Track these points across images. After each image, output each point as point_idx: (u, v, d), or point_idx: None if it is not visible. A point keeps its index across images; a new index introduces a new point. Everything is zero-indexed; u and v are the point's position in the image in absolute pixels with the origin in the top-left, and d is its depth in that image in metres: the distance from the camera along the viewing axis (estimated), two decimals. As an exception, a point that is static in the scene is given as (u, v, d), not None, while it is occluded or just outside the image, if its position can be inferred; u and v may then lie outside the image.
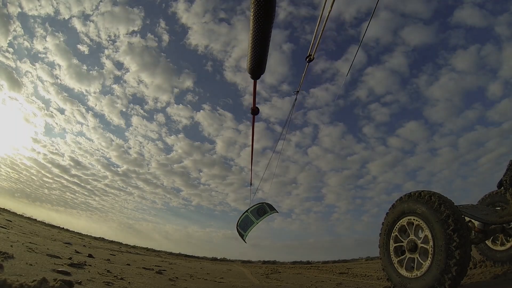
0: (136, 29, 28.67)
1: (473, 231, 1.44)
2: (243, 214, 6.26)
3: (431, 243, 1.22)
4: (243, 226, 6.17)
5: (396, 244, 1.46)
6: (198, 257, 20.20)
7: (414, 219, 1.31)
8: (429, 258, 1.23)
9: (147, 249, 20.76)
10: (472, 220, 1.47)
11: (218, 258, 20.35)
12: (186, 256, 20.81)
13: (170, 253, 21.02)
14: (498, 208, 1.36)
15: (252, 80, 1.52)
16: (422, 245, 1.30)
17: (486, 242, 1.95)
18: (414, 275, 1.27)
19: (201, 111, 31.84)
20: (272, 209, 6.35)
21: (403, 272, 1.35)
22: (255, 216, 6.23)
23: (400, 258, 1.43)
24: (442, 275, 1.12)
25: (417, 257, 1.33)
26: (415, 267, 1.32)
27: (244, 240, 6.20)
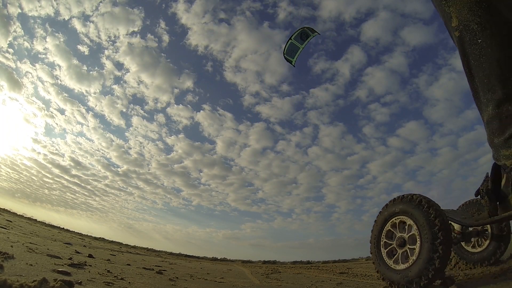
0: (136, 29, 28.65)
1: (453, 233, 1.63)
2: (287, 42, 6.49)
3: (418, 240, 1.41)
4: (290, 53, 6.39)
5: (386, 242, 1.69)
6: (198, 257, 20.19)
7: (403, 218, 1.54)
8: (417, 252, 1.41)
9: (147, 249, 20.76)
10: (452, 223, 1.67)
11: (218, 258, 20.36)
12: (186, 256, 20.80)
13: (171, 253, 21.01)
14: (476, 214, 1.54)
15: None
16: (410, 244, 1.50)
17: (464, 245, 2.13)
18: (402, 267, 1.46)
19: (201, 111, 31.79)
20: (313, 31, 6.50)
21: (394, 265, 1.55)
22: (298, 41, 6.47)
23: (389, 252, 1.64)
24: (427, 264, 1.31)
25: (406, 251, 1.51)
26: (403, 260, 1.54)
27: (293, 65, 6.49)
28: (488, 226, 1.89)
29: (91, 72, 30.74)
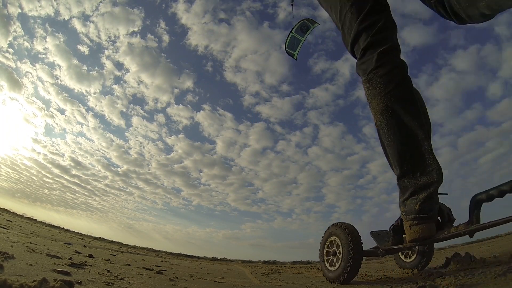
0: (136, 29, 28.40)
1: (380, 249, 2.21)
2: (288, 35, 6.00)
3: (341, 252, 2.19)
4: (291, 46, 6.08)
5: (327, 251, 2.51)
6: (198, 257, 20.15)
7: (335, 238, 2.35)
8: (340, 260, 2.21)
9: (147, 249, 20.73)
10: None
11: (218, 258, 20.30)
12: (186, 256, 20.77)
13: (170, 253, 20.98)
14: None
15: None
16: (338, 254, 2.28)
17: (400, 256, 2.96)
18: (333, 269, 2.28)
19: (201, 111, 31.51)
20: (313, 22, 6.17)
21: (329, 268, 2.35)
22: (299, 34, 6.17)
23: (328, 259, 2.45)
24: (344, 268, 2.08)
25: (335, 258, 2.30)
26: (334, 265, 2.33)
27: (295, 58, 6.04)
28: None
29: (91, 72, 30.54)
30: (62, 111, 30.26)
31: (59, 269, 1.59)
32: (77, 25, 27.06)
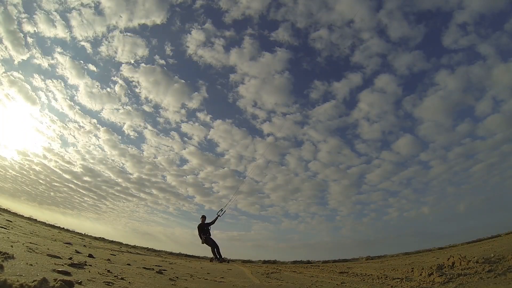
0: (146, 54, 29.86)
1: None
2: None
3: None
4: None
5: None
6: (198, 257, 20.18)
7: None
8: None
9: (147, 248, 20.74)
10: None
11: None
12: (186, 255, 20.79)
13: (171, 253, 20.99)
14: None
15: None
16: None
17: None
18: None
19: (213, 128, 34.03)
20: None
21: None
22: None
23: None
24: None
25: None
26: None
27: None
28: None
29: (104, 89, 32.01)
30: (76, 124, 31.31)
31: (59, 269, 1.58)
32: (92, 46, 27.97)
